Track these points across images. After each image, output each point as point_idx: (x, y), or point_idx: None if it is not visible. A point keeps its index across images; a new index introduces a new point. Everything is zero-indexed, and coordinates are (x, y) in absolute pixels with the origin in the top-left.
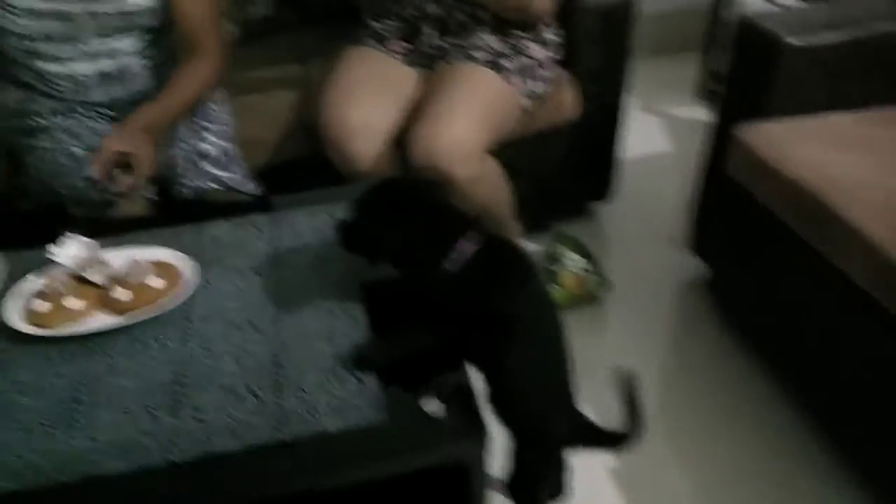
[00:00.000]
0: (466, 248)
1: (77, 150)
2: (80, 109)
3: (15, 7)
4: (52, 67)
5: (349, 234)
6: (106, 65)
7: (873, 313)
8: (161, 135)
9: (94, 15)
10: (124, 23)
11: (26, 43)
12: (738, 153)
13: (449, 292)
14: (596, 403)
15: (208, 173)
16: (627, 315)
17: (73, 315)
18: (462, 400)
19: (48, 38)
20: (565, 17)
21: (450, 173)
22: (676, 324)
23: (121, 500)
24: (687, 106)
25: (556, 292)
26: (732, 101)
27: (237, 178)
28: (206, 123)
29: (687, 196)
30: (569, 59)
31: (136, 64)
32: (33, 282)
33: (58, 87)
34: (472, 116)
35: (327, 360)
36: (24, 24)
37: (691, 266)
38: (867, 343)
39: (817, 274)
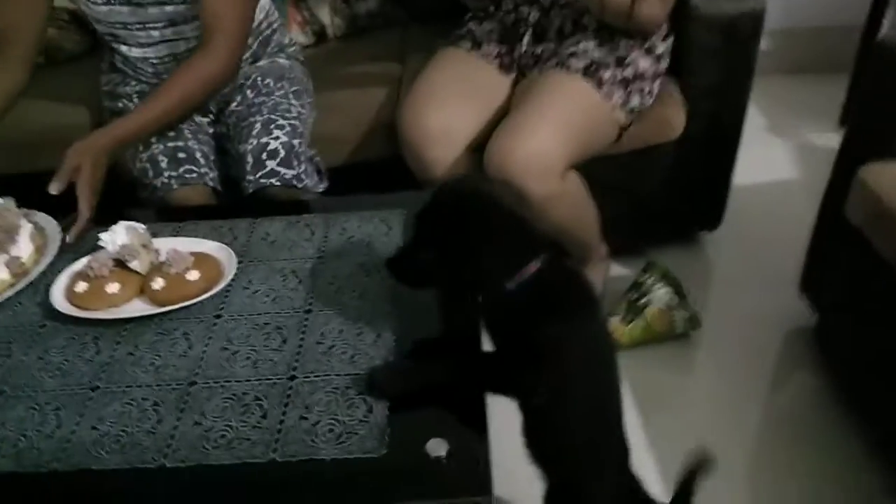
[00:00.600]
0: (531, 268)
1: (151, 139)
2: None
3: None
4: (133, 52)
5: (404, 267)
6: (180, 48)
7: None
8: (141, 141)
9: (161, 4)
10: (191, 11)
11: (108, 28)
12: (859, 195)
13: (500, 311)
14: (659, 451)
15: (271, 170)
16: (718, 356)
17: (110, 299)
18: (472, 449)
19: (124, 25)
20: (678, 25)
21: (524, 189)
22: (771, 371)
23: (110, 495)
24: (826, 133)
25: (638, 326)
26: (861, 134)
27: (300, 175)
28: (279, 120)
29: (804, 233)
30: (679, 72)
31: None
32: (80, 263)
33: (140, 71)
34: (555, 129)
35: (342, 379)
36: (102, 10)
37: (798, 310)
38: None
39: None
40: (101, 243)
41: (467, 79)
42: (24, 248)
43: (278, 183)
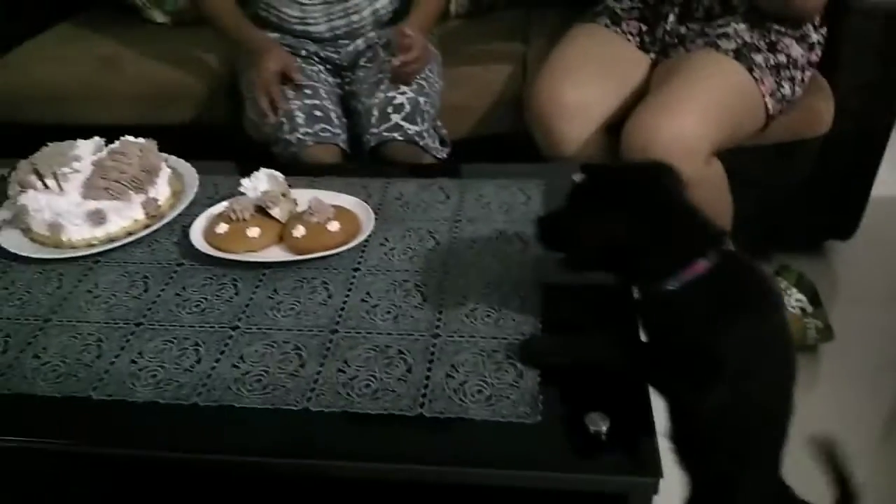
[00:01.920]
0: (699, 266)
1: (285, 90)
2: (302, 52)
3: None
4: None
5: (553, 228)
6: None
7: None
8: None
9: None
10: None
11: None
12: None
13: (665, 314)
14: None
15: (395, 125)
16: (846, 373)
17: (249, 243)
18: (637, 426)
19: None
20: (833, 15)
21: None
22: None
23: (249, 433)
24: None
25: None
26: None
27: (422, 133)
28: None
29: None
30: (830, 66)
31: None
32: (220, 206)
33: (287, 19)
34: (703, 110)
35: (488, 342)
36: None
37: None
38: None
39: None
40: (242, 189)
41: (605, 55)
42: (161, 190)
43: (401, 137)
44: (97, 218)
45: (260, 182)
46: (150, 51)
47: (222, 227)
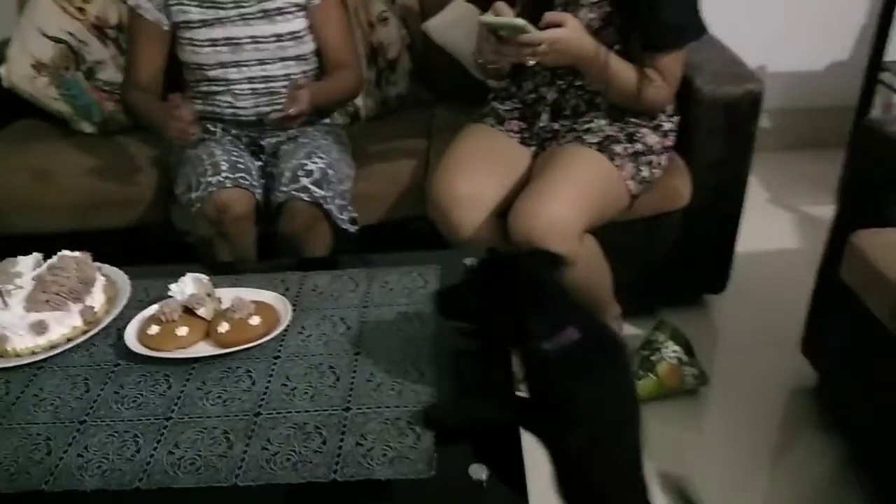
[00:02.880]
0: (569, 332)
1: (213, 150)
2: (229, 135)
3: (200, 40)
4: (216, 89)
5: (449, 302)
6: (260, 87)
7: None
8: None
9: (255, 40)
10: (278, 50)
11: (204, 72)
12: (852, 259)
13: (542, 371)
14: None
15: (304, 188)
16: (725, 413)
17: (179, 341)
18: (511, 472)
19: (222, 65)
20: (683, 105)
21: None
22: (776, 428)
23: None
24: (823, 204)
25: (650, 381)
26: (851, 205)
27: (327, 198)
28: (319, 153)
29: (804, 296)
30: (685, 148)
31: (281, 87)
32: (151, 309)
33: (219, 104)
34: (572, 196)
35: (392, 411)
36: (206, 52)
37: (800, 370)
38: None
39: None
40: (170, 293)
41: (492, 150)
42: (97, 298)
43: (307, 199)
44: (39, 328)
45: (186, 285)
46: (81, 160)
47: (153, 329)
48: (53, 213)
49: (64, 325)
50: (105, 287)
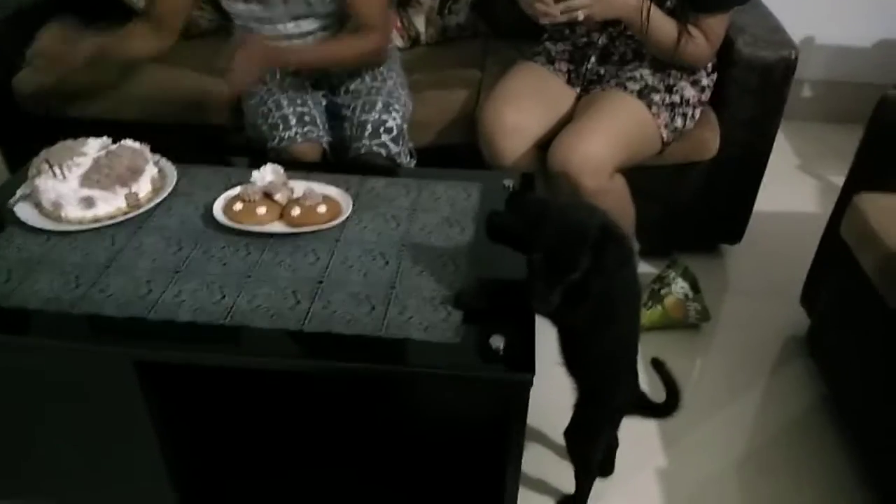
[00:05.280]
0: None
1: (280, 100)
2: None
3: None
4: None
5: (496, 229)
6: (297, 42)
7: None
8: (302, 69)
9: (285, 2)
10: (306, 9)
11: (243, 22)
12: (851, 217)
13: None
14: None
15: (383, 143)
16: (722, 348)
17: (258, 218)
18: (523, 344)
19: (257, 19)
20: (722, 63)
21: (578, 181)
22: (765, 364)
23: (262, 344)
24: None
25: (656, 311)
26: (862, 171)
27: (401, 153)
28: (395, 104)
29: (812, 254)
30: (719, 104)
31: (314, 40)
32: (235, 190)
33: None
34: (608, 136)
35: (430, 292)
36: (240, 8)
37: (797, 318)
38: None
39: None
40: (252, 179)
41: (540, 87)
42: (143, 186)
43: (384, 153)
44: (88, 203)
45: (266, 173)
46: (170, 58)
47: (238, 206)
48: (134, 103)
49: (110, 203)
50: (154, 179)
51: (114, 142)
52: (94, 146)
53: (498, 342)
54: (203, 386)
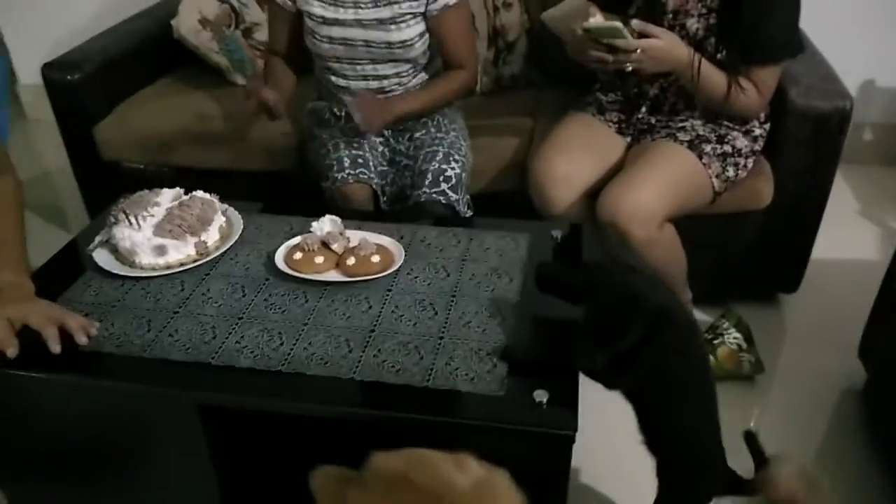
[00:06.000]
0: None
1: (339, 143)
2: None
3: (320, 35)
4: (338, 81)
5: (549, 280)
6: (373, 84)
7: None
8: (406, 117)
9: (367, 43)
10: (388, 55)
11: (324, 62)
12: None
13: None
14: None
15: (443, 192)
16: (777, 401)
17: (316, 267)
18: (567, 399)
19: (338, 59)
20: (776, 114)
21: (627, 231)
22: (821, 422)
23: (315, 392)
24: None
25: (710, 362)
26: None
27: (459, 201)
28: (455, 155)
29: (870, 305)
30: (773, 153)
31: (393, 84)
32: (296, 239)
33: (338, 98)
34: (658, 186)
35: (477, 343)
36: (325, 48)
37: (854, 372)
38: None
39: None
40: (311, 229)
41: (590, 138)
42: (212, 235)
43: (444, 202)
44: (160, 251)
45: (324, 224)
46: (233, 106)
47: (297, 255)
48: (206, 150)
49: (181, 252)
50: (222, 228)
51: (186, 192)
52: (168, 196)
53: (542, 396)
54: (261, 425)
